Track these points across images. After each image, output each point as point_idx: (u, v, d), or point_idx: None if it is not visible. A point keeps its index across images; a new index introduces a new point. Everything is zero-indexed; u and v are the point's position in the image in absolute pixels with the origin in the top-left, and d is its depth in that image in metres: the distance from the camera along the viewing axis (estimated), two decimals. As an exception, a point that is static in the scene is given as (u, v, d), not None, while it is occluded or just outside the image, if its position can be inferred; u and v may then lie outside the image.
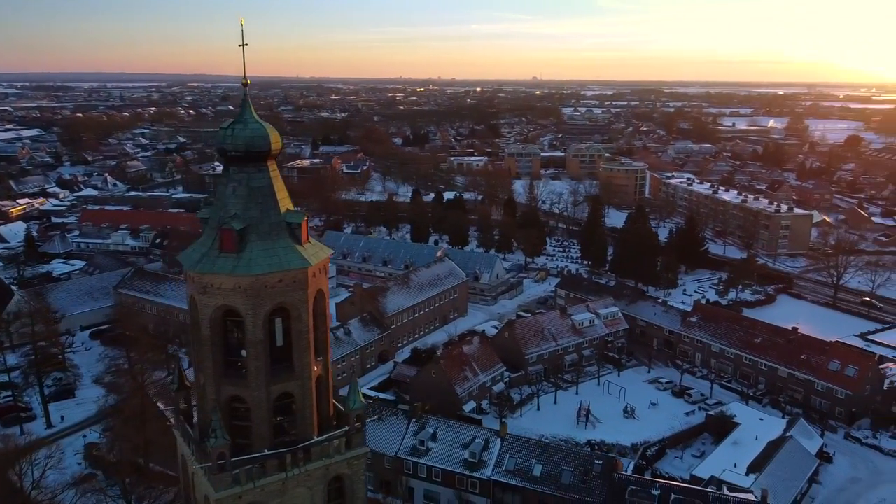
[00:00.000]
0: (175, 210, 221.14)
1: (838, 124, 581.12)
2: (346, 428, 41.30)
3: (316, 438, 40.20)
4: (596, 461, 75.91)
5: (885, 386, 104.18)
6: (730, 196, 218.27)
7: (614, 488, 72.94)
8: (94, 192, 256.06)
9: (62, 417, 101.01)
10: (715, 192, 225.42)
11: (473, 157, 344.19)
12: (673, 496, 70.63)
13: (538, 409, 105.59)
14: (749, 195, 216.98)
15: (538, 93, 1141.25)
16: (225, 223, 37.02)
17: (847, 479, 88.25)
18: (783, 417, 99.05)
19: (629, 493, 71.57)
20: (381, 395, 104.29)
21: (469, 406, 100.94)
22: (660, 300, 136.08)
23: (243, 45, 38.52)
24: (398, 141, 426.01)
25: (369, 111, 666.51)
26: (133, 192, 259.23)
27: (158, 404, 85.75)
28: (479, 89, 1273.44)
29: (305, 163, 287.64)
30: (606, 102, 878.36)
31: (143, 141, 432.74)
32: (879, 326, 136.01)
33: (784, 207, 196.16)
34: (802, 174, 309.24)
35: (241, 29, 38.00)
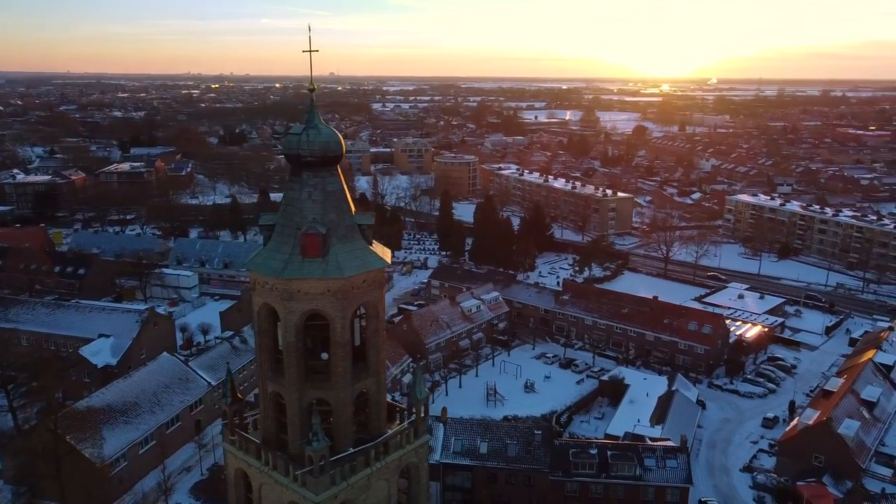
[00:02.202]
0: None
1: (620, 115, 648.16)
2: (413, 418, 42.92)
3: (390, 431, 41.56)
4: (536, 431, 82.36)
5: (731, 339, 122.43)
6: (559, 184, 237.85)
7: (556, 453, 79.88)
8: None
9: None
10: (546, 180, 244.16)
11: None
12: (609, 452, 79.15)
13: (447, 394, 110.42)
14: (576, 183, 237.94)
15: (340, 88, 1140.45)
16: (311, 228, 37.23)
17: (720, 421, 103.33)
18: (659, 375, 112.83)
19: (572, 455, 78.86)
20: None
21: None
22: (532, 283, 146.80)
23: (311, 52, 38.72)
24: (214, 140, 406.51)
25: (169, 110, 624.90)
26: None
27: (69, 438, 78.02)
28: (278, 85, 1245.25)
29: (125, 166, 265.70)
30: (411, 98, 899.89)
31: None
32: (706, 291, 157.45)
33: (609, 192, 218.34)
34: (606, 162, 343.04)
35: (308, 35, 38.16)
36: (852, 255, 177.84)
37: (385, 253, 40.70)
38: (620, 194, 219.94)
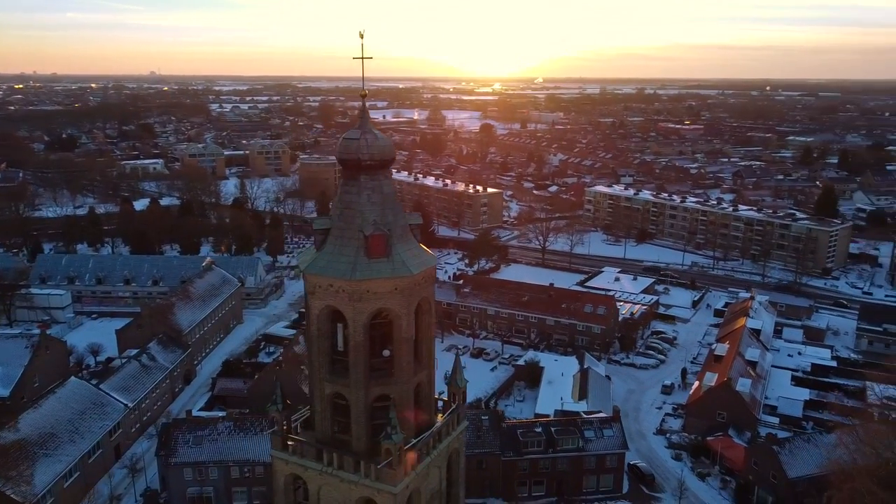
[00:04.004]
0: None
1: (462, 114, 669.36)
2: (455, 405, 45.09)
3: (440, 420, 43.51)
4: (483, 416, 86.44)
5: (620, 318, 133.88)
6: (430, 182, 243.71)
7: (505, 435, 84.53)
8: None
9: None
10: (416, 179, 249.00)
11: (148, 161, 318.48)
12: (553, 429, 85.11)
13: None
14: (447, 180, 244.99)
15: (166, 88, 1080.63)
16: (377, 229, 38.39)
17: (626, 392, 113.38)
18: (564, 356, 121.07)
19: (520, 434, 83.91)
20: (219, 413, 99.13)
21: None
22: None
23: (363, 59, 39.70)
24: (39, 146, 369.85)
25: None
26: None
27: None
28: (94, 85, 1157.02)
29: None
30: (248, 98, 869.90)
31: None
32: (584, 276, 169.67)
33: (480, 188, 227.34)
34: (461, 159, 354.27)
35: (361, 42, 39.10)
36: (699, 237, 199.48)
37: (431, 251, 42.64)
38: (490, 190, 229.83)
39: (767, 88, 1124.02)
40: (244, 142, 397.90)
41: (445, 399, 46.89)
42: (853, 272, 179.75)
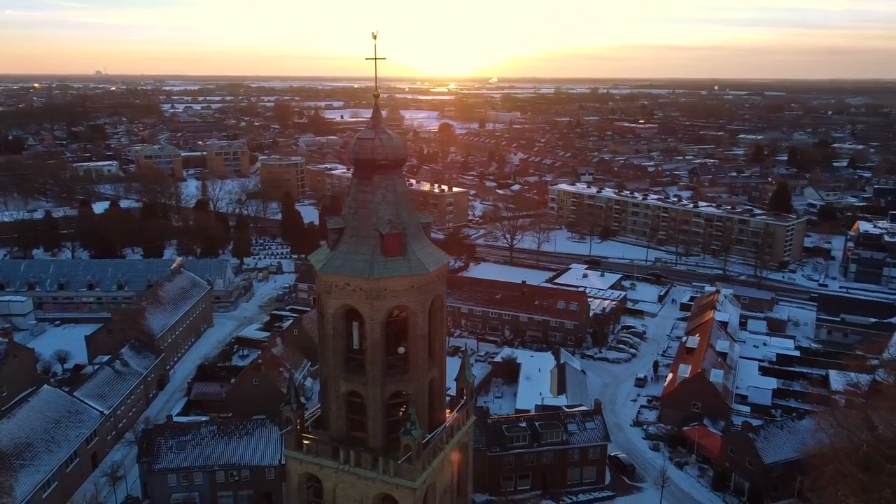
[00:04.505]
0: None
1: (420, 114, 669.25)
2: (464, 401, 45.85)
3: (451, 415, 44.16)
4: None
5: (591, 313, 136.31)
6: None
7: (491, 431, 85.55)
8: None
9: None
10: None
11: (102, 163, 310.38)
12: (538, 423, 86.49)
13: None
14: (412, 180, 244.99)
15: (113, 88, 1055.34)
16: (394, 228, 38.83)
17: (601, 386, 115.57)
18: (538, 352, 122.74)
19: (506, 430, 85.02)
20: (200, 418, 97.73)
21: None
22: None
23: (376, 59, 40.05)
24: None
25: None
26: None
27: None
28: (37, 85, 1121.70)
29: None
30: (201, 98, 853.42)
31: None
32: (553, 273, 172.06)
33: (445, 188, 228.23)
34: (423, 159, 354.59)
35: (374, 43, 39.47)
36: (661, 233, 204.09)
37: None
38: (455, 189, 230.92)
39: (715, 88, 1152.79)
40: (200, 143, 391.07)
41: (452, 395, 48.03)
42: (808, 265, 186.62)
